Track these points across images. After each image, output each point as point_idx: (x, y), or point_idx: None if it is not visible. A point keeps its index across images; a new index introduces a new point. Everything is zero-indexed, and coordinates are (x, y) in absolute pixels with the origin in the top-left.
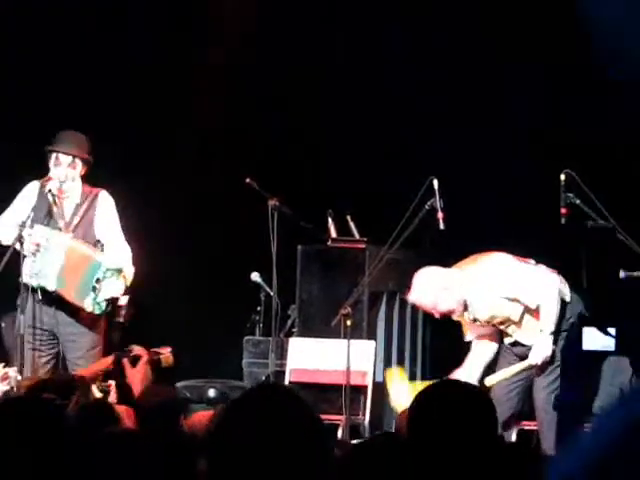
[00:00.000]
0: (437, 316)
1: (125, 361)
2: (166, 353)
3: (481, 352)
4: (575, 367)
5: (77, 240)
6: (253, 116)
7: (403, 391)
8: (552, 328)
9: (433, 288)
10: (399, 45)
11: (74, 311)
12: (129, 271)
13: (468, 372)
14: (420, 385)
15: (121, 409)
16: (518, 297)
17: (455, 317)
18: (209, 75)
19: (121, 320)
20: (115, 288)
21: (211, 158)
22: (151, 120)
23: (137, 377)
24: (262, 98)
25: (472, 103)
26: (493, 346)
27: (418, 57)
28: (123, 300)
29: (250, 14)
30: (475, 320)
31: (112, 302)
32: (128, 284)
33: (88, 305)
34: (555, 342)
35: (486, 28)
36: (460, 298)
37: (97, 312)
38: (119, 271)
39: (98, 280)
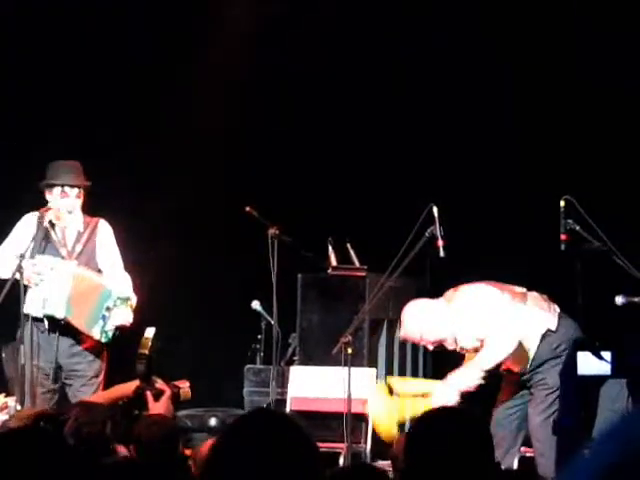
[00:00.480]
0: (430, 347)
1: (148, 394)
2: (185, 387)
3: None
4: (572, 392)
5: (82, 267)
6: (252, 144)
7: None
8: (465, 385)
9: (418, 320)
10: (400, 68)
11: (77, 340)
12: (134, 299)
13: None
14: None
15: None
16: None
17: (449, 347)
18: (207, 105)
19: (146, 352)
20: (123, 316)
21: (210, 187)
22: (149, 151)
23: (160, 411)
24: (261, 126)
25: (471, 130)
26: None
27: (416, 83)
28: (149, 332)
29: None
30: (463, 349)
31: (119, 330)
32: (130, 318)
33: (96, 333)
34: (543, 370)
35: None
36: (446, 328)
37: (104, 340)
38: (127, 299)
39: (108, 308)
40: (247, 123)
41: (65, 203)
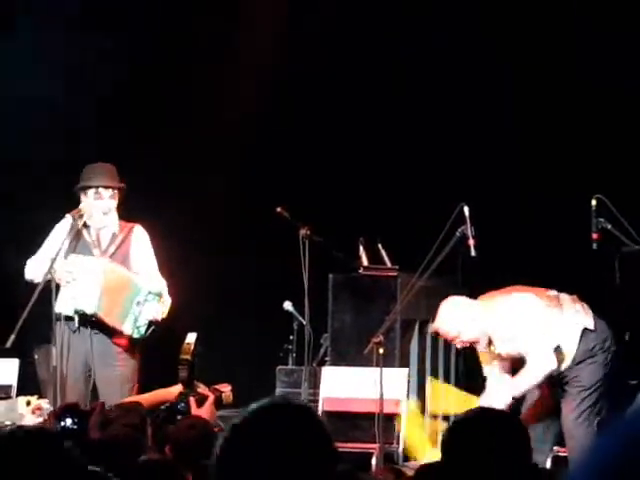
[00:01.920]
0: (459, 346)
1: (192, 400)
2: (227, 391)
3: (497, 380)
4: (609, 395)
5: (114, 262)
6: (283, 145)
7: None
8: (518, 392)
9: (457, 318)
10: (433, 69)
11: (110, 341)
12: (167, 300)
13: (493, 395)
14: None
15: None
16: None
17: (480, 348)
18: (236, 106)
19: (189, 358)
20: (155, 311)
21: (241, 188)
22: (180, 157)
23: (203, 417)
24: (291, 127)
25: (502, 130)
26: (506, 376)
27: (450, 83)
28: (191, 338)
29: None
30: (499, 354)
31: (152, 325)
32: (166, 313)
33: (127, 329)
34: (577, 368)
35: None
36: (483, 330)
37: (136, 336)
38: (159, 295)
39: (139, 303)
40: (277, 124)
41: (100, 204)
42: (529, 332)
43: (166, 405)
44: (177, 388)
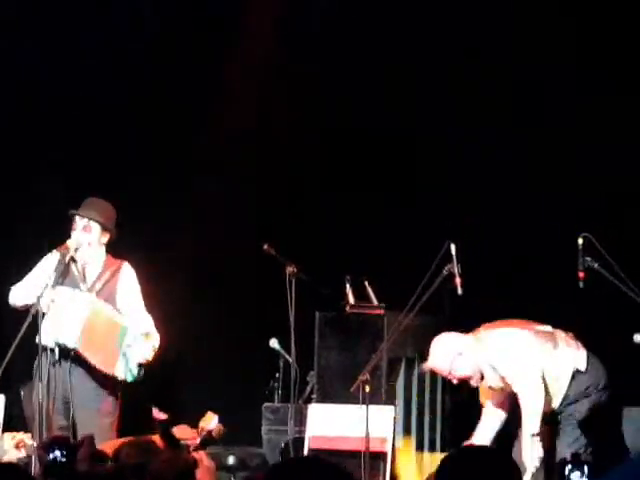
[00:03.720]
0: (455, 382)
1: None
2: (214, 427)
3: (488, 426)
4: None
5: (101, 300)
6: (267, 182)
7: (409, 464)
8: (534, 429)
9: (449, 354)
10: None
11: (89, 376)
12: (155, 336)
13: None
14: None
15: None
16: (506, 378)
17: (473, 383)
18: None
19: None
20: (144, 351)
21: (227, 225)
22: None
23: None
24: (275, 165)
25: (488, 168)
26: (499, 418)
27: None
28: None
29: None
30: (491, 387)
31: (143, 368)
32: (156, 348)
33: (120, 372)
34: (572, 407)
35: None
36: (476, 365)
37: (130, 379)
38: (147, 335)
39: (129, 346)
40: (261, 161)
41: (73, 236)
42: (518, 365)
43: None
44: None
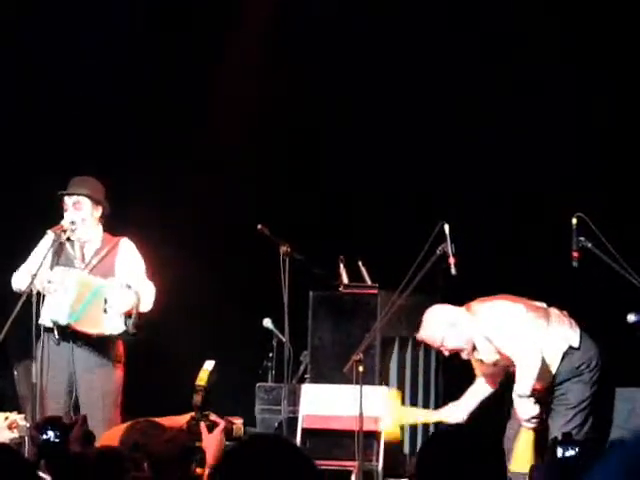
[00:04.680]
0: (446, 354)
1: (202, 425)
2: (238, 423)
3: (476, 391)
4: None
5: (92, 274)
6: (263, 162)
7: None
8: (524, 390)
9: (441, 324)
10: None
11: (92, 354)
12: (147, 292)
13: (459, 405)
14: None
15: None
16: (501, 348)
17: (464, 356)
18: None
19: (204, 384)
20: (126, 301)
21: (221, 205)
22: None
23: (213, 443)
24: (271, 144)
25: (482, 147)
26: (488, 388)
27: (431, 103)
28: (208, 365)
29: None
30: (481, 361)
31: (131, 316)
32: (149, 304)
33: (107, 328)
34: (564, 387)
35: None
36: (468, 337)
37: (118, 332)
38: (127, 287)
39: (106, 301)
40: (258, 140)
41: (66, 216)
42: (512, 336)
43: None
44: (188, 415)
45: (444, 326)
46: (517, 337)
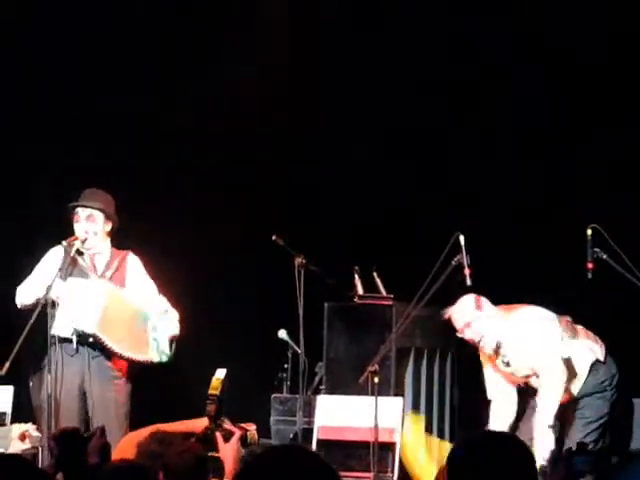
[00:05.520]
0: (466, 337)
1: (218, 435)
2: (252, 430)
3: (501, 406)
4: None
5: (117, 286)
6: (278, 173)
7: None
8: (551, 416)
9: (475, 308)
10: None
11: (108, 365)
12: (173, 313)
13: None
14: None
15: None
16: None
17: (485, 350)
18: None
19: (217, 393)
20: (171, 327)
21: (236, 215)
22: (177, 180)
23: (230, 453)
24: (287, 155)
25: (498, 159)
26: (512, 406)
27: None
28: (220, 374)
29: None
30: (508, 364)
31: (173, 342)
32: (178, 326)
33: (154, 356)
34: (585, 401)
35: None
36: (495, 331)
37: (165, 360)
38: (166, 312)
39: (155, 328)
40: (273, 151)
41: (78, 227)
42: (542, 344)
43: (194, 437)
44: (203, 421)
45: (475, 312)
46: (548, 347)
